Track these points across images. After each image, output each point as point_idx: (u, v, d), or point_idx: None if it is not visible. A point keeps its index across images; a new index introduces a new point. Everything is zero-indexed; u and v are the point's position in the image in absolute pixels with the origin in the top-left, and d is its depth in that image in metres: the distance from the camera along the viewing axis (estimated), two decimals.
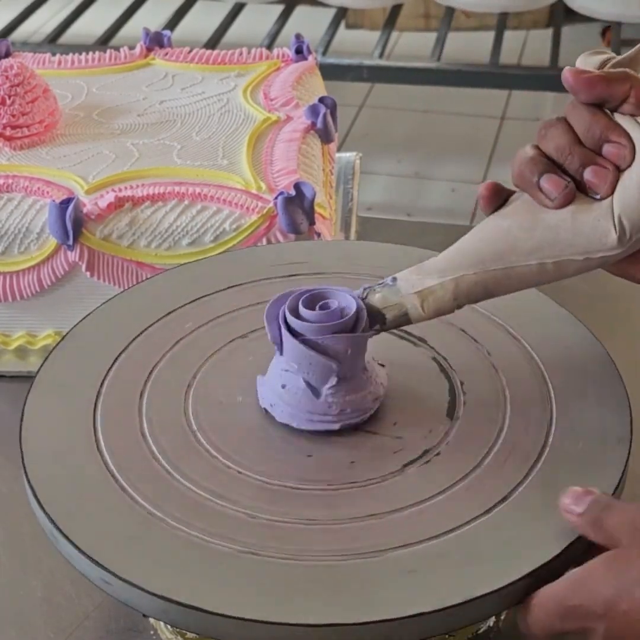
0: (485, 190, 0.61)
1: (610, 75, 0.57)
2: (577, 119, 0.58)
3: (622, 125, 0.57)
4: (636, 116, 0.57)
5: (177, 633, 0.62)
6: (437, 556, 0.55)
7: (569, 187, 0.57)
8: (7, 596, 0.69)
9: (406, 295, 0.61)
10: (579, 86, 0.57)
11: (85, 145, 0.93)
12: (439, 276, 0.60)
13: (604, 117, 0.57)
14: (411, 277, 0.61)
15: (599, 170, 0.57)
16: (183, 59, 1.07)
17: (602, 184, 0.57)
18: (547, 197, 0.58)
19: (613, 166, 0.57)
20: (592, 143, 0.58)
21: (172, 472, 0.60)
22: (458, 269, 0.60)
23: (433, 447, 0.61)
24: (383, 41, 2.31)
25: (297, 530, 0.56)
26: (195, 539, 0.56)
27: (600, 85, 0.57)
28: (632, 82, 0.57)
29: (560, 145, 0.58)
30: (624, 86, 0.57)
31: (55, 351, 0.68)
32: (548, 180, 0.58)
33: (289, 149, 0.90)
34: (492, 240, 0.60)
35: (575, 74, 0.57)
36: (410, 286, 0.61)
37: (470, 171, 2.61)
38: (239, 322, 0.71)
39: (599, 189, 0.57)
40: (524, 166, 0.59)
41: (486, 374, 0.66)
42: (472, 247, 0.60)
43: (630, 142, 0.57)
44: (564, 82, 0.57)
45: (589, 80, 0.57)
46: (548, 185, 0.58)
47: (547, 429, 0.62)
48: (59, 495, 0.58)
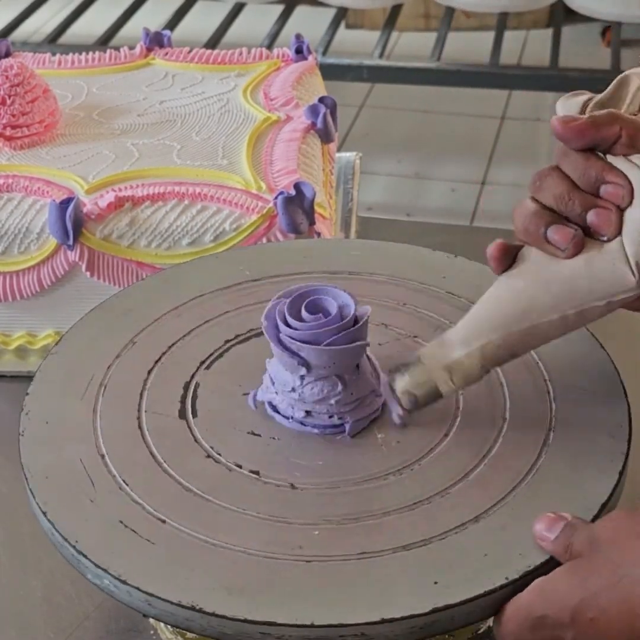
0: (496, 252, 0.60)
1: (597, 119, 0.57)
2: (570, 165, 0.58)
3: (616, 166, 0.57)
4: (628, 155, 0.57)
5: (177, 633, 0.62)
6: (437, 556, 0.55)
7: (577, 235, 0.57)
8: (7, 596, 0.69)
9: (434, 371, 0.60)
10: (569, 135, 0.57)
11: (85, 145, 0.93)
12: (463, 347, 0.60)
13: (596, 160, 0.57)
14: (435, 352, 0.61)
15: (602, 212, 0.57)
16: (183, 59, 1.07)
17: (607, 225, 0.57)
18: (557, 248, 0.57)
19: (614, 206, 0.57)
20: (588, 187, 0.57)
21: (173, 474, 0.60)
22: (481, 337, 0.59)
23: (432, 448, 0.61)
24: (383, 41, 2.31)
25: (294, 530, 0.56)
26: (196, 540, 0.56)
27: (590, 131, 0.57)
28: (620, 122, 0.56)
29: (558, 194, 0.57)
30: (613, 129, 0.56)
31: (55, 350, 0.68)
32: (555, 231, 0.57)
33: (289, 148, 0.90)
34: (510, 302, 0.59)
35: (564, 123, 0.57)
36: (437, 362, 0.60)
37: (470, 171, 2.61)
38: (239, 321, 0.71)
39: (605, 230, 0.57)
40: (528, 221, 0.58)
41: (487, 379, 0.66)
42: (492, 313, 0.60)
43: (627, 181, 0.57)
44: (553, 131, 0.57)
45: (578, 128, 0.57)
46: (556, 236, 0.57)
47: (547, 430, 0.62)
48: (59, 495, 0.58)
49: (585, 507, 0.56)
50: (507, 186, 2.52)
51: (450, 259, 0.76)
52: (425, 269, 0.75)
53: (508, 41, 2.35)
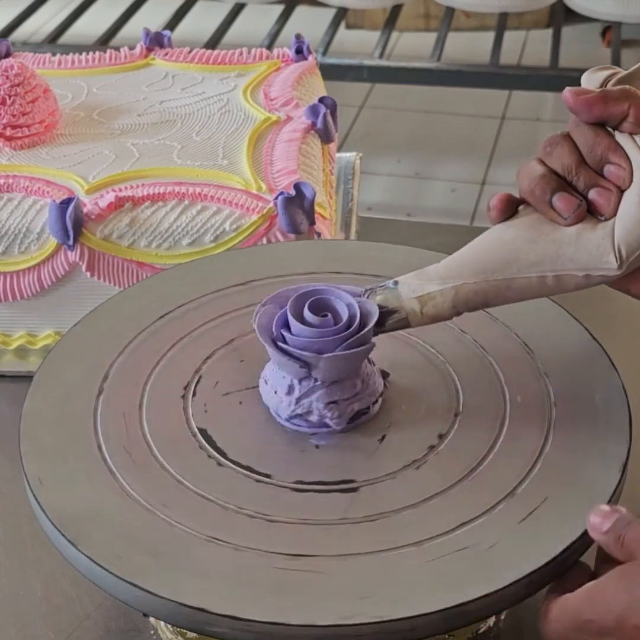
0: (498, 202, 0.60)
1: (608, 94, 0.58)
2: (580, 137, 0.59)
3: (621, 146, 0.58)
4: (635, 134, 0.57)
5: (178, 633, 0.62)
6: (436, 556, 0.55)
7: (581, 206, 0.58)
8: (7, 596, 0.69)
9: (406, 299, 0.61)
10: (578, 107, 0.58)
11: (85, 145, 0.93)
12: (440, 283, 0.61)
13: (606, 136, 0.58)
14: (412, 282, 0.62)
15: (603, 192, 0.58)
16: (183, 59, 1.07)
17: (606, 205, 0.58)
18: (559, 215, 0.59)
19: (616, 188, 0.58)
20: (594, 163, 0.58)
21: (174, 473, 0.60)
22: (459, 277, 0.60)
23: (431, 449, 0.61)
24: (383, 41, 2.31)
25: (291, 530, 0.56)
26: (197, 538, 0.56)
27: (598, 105, 0.57)
28: (631, 100, 0.57)
29: (566, 165, 0.59)
30: (622, 106, 0.57)
31: (55, 351, 0.68)
32: (560, 199, 0.58)
33: (289, 149, 0.90)
34: (494, 251, 0.60)
35: (575, 94, 0.58)
36: (411, 291, 0.61)
37: (470, 171, 2.61)
38: (239, 321, 0.71)
39: (603, 210, 0.58)
40: (535, 184, 0.59)
41: (485, 375, 0.66)
42: (474, 257, 0.61)
43: (629, 163, 0.57)
44: (565, 102, 0.58)
45: (587, 101, 0.58)
46: (561, 204, 0.58)
47: (546, 430, 0.62)
48: (59, 494, 0.58)
49: (586, 507, 0.56)
50: (507, 186, 2.50)
51: None
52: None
53: (508, 41, 2.36)
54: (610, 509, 0.54)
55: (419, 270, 0.62)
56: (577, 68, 2.18)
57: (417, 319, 0.61)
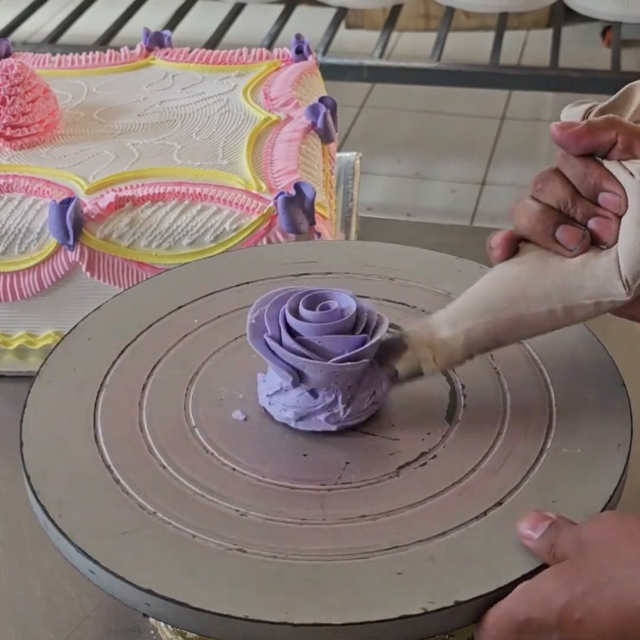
0: (503, 241, 0.60)
1: (594, 125, 0.58)
2: (570, 170, 0.59)
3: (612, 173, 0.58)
4: (624, 160, 0.58)
5: (177, 633, 0.62)
6: (426, 559, 0.54)
7: (585, 236, 0.58)
8: (7, 596, 0.69)
9: (418, 348, 0.61)
10: (566, 141, 0.58)
11: (85, 145, 0.93)
12: (449, 328, 0.60)
13: (596, 166, 0.58)
14: (421, 330, 0.61)
15: (602, 221, 0.58)
16: (183, 59, 1.07)
17: (607, 233, 0.58)
18: (565, 248, 0.59)
19: (614, 215, 0.58)
20: (588, 193, 0.59)
21: (175, 474, 0.60)
22: (467, 319, 0.60)
23: (430, 449, 0.61)
24: (383, 41, 2.31)
25: (288, 530, 0.56)
26: (197, 540, 0.56)
27: (586, 137, 0.58)
28: (617, 128, 0.58)
29: (561, 199, 0.59)
30: (609, 134, 0.58)
31: (56, 350, 0.68)
32: (565, 232, 0.58)
33: (289, 149, 0.90)
34: (500, 289, 0.60)
35: (561, 129, 0.58)
36: (421, 340, 0.61)
37: (470, 171, 2.61)
38: (240, 321, 0.70)
39: (605, 237, 0.58)
40: (535, 220, 0.59)
41: (487, 376, 0.66)
42: (482, 297, 0.60)
43: (622, 189, 0.58)
44: (553, 138, 0.58)
45: (575, 133, 0.58)
46: (565, 236, 0.58)
47: (546, 432, 0.62)
48: (58, 493, 0.58)
49: (587, 507, 0.56)
50: (507, 186, 2.52)
51: (451, 259, 0.76)
52: (425, 269, 0.75)
53: (508, 41, 2.35)
54: (540, 516, 0.54)
55: (426, 318, 0.62)
56: (577, 68, 2.19)
57: (430, 367, 0.61)
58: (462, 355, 0.61)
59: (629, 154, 0.58)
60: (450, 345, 0.60)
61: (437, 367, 0.61)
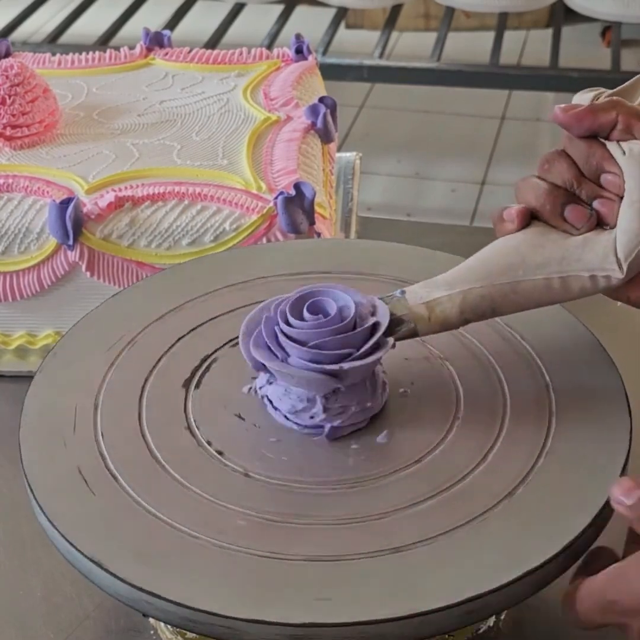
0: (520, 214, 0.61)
1: (596, 106, 0.60)
2: (574, 151, 0.61)
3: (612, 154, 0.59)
4: (623, 141, 0.59)
5: (177, 633, 0.62)
6: (426, 559, 0.54)
7: (592, 217, 0.60)
8: (7, 596, 0.69)
9: (414, 305, 0.61)
10: (569, 122, 0.60)
11: (85, 145, 0.93)
12: (447, 289, 0.61)
13: (599, 147, 0.60)
14: (419, 290, 0.62)
15: (606, 202, 0.60)
16: (183, 59, 1.07)
17: (610, 214, 0.59)
18: (572, 226, 0.60)
19: (617, 197, 0.59)
20: (590, 173, 0.60)
21: (175, 474, 0.60)
22: (466, 282, 0.61)
23: (429, 450, 0.61)
24: (383, 41, 2.31)
25: (290, 530, 0.56)
26: (196, 539, 0.56)
27: (588, 118, 0.59)
28: (618, 109, 0.59)
29: (567, 180, 0.60)
30: (610, 115, 0.59)
31: (55, 350, 0.68)
32: (573, 211, 0.60)
33: (289, 148, 0.90)
34: (500, 256, 0.61)
35: (564, 110, 0.60)
36: (419, 298, 0.62)
37: (470, 171, 2.61)
38: (240, 321, 0.70)
39: (608, 220, 0.60)
40: (544, 199, 0.60)
41: (486, 376, 0.66)
42: (481, 263, 0.62)
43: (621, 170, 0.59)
44: (555, 120, 0.60)
45: (577, 115, 0.60)
46: (573, 215, 0.60)
47: (546, 432, 0.62)
48: (58, 495, 0.58)
49: (587, 507, 0.56)
50: (507, 186, 2.52)
51: (451, 259, 0.76)
52: (424, 269, 0.75)
53: (508, 41, 2.36)
54: (633, 483, 0.54)
55: (425, 280, 0.63)
56: (577, 68, 2.19)
57: (425, 326, 0.61)
58: (457, 318, 0.61)
59: (629, 135, 0.59)
60: (446, 304, 0.61)
61: (432, 326, 0.62)
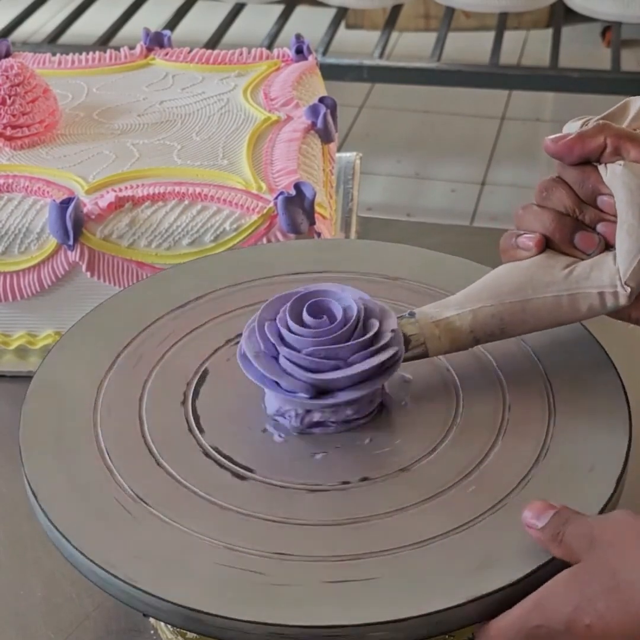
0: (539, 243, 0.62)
1: (584, 133, 0.61)
2: (569, 177, 0.62)
3: None
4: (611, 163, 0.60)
5: (177, 633, 0.62)
6: (426, 559, 0.54)
7: (601, 241, 0.61)
8: (7, 596, 0.69)
9: (424, 325, 0.62)
10: (560, 152, 0.62)
11: (85, 145, 0.93)
12: (457, 308, 0.62)
13: (592, 171, 0.62)
14: (429, 310, 0.63)
15: (609, 225, 0.61)
16: (183, 59, 1.07)
17: (612, 236, 0.61)
18: (583, 252, 0.62)
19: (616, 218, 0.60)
20: (587, 197, 0.62)
21: (175, 474, 0.60)
22: (476, 301, 0.62)
23: (429, 452, 0.61)
24: (383, 41, 2.31)
25: (290, 530, 0.56)
26: (197, 540, 0.56)
27: (577, 146, 0.61)
28: (605, 132, 0.61)
29: (569, 206, 0.62)
30: (598, 140, 0.61)
31: (54, 350, 0.68)
32: (583, 238, 0.62)
33: (289, 149, 0.90)
34: (510, 277, 0.62)
35: (554, 141, 0.62)
36: (429, 317, 0.62)
37: (470, 171, 2.61)
38: (240, 321, 0.70)
39: (612, 240, 0.61)
40: (552, 228, 0.62)
41: (487, 378, 0.66)
42: (491, 283, 0.63)
43: None
44: (547, 151, 0.62)
45: (567, 144, 0.61)
46: (583, 243, 0.62)
47: (545, 436, 0.62)
48: (58, 494, 0.58)
49: (587, 506, 0.56)
50: (507, 186, 2.52)
51: (450, 259, 0.76)
52: (425, 269, 0.75)
53: (508, 41, 2.36)
54: (544, 505, 0.54)
55: (436, 302, 0.63)
56: (577, 68, 2.19)
57: (435, 345, 0.62)
58: (467, 337, 0.62)
59: (617, 156, 0.60)
60: (457, 324, 0.62)
61: (442, 345, 0.62)
